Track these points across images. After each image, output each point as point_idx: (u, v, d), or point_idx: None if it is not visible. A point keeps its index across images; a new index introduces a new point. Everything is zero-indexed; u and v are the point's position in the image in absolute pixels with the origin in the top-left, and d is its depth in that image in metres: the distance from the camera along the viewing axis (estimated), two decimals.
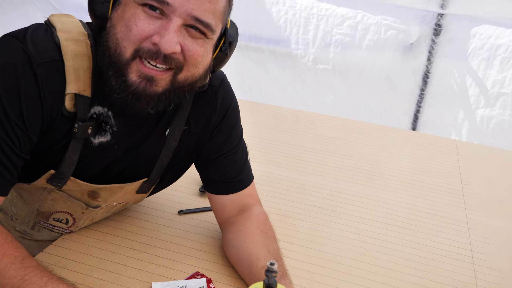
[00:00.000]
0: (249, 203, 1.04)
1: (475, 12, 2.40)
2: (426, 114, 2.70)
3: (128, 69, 0.75)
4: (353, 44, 2.66)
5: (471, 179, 1.53)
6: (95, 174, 0.92)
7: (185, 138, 0.96)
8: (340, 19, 2.63)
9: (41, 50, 0.76)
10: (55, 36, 0.78)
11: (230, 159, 1.00)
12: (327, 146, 1.65)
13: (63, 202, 0.95)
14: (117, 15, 0.76)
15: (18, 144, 0.78)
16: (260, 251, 0.92)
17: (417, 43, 2.55)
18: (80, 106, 0.80)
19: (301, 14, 2.70)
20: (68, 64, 0.78)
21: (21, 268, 0.76)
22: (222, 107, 0.97)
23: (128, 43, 0.74)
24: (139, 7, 0.74)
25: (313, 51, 2.75)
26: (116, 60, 0.76)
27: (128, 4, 0.75)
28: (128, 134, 0.90)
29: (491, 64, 2.47)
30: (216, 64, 0.88)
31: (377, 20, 2.56)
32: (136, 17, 0.74)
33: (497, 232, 1.26)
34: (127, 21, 0.74)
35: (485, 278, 1.07)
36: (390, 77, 2.68)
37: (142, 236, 1.07)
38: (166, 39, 0.73)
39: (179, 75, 0.78)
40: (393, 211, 1.30)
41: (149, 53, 0.74)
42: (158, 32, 0.74)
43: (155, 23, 0.74)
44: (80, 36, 0.80)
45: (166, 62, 0.75)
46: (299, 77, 2.87)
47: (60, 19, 0.82)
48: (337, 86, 2.81)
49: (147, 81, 0.76)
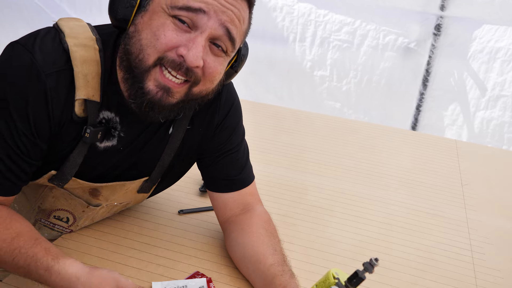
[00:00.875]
0: (251, 202, 1.04)
1: (475, 14, 2.40)
2: (426, 117, 2.70)
3: (147, 76, 0.76)
4: (351, 50, 2.66)
5: (471, 179, 1.53)
6: (97, 175, 0.92)
7: (188, 137, 0.96)
8: (338, 25, 2.63)
9: (49, 60, 0.77)
10: (63, 42, 0.79)
11: (232, 157, 1.01)
12: (327, 146, 1.65)
13: (64, 199, 0.96)
14: (143, 22, 0.77)
15: (26, 151, 0.79)
16: (267, 250, 0.92)
17: (417, 46, 2.55)
18: (90, 111, 0.81)
19: (299, 21, 2.70)
20: (77, 70, 0.78)
21: (8, 253, 0.77)
22: (225, 105, 0.98)
23: (153, 50, 0.75)
24: (169, 18, 0.75)
25: (310, 57, 2.75)
26: (137, 66, 0.76)
27: (158, 13, 0.75)
28: (134, 138, 0.90)
29: (491, 67, 2.47)
30: (224, 79, 0.90)
31: (376, 26, 2.56)
32: (166, 27, 0.74)
33: (497, 232, 1.26)
34: (155, 29, 0.75)
35: (485, 278, 1.07)
36: (390, 81, 2.67)
37: (142, 235, 1.07)
38: (193, 52, 0.74)
39: (194, 88, 0.79)
40: (393, 211, 1.30)
41: (173, 64, 0.75)
42: (185, 44, 0.75)
43: (182, 36, 0.75)
44: (89, 41, 0.81)
45: (187, 74, 0.76)
46: (296, 84, 2.86)
47: (68, 24, 0.82)
48: (335, 93, 2.80)
49: (164, 92, 0.77)
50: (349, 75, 2.72)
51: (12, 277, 0.91)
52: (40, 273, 0.76)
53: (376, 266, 0.65)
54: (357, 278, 0.66)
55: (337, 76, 2.75)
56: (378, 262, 0.65)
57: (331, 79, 2.77)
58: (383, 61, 2.63)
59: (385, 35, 2.57)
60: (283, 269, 0.87)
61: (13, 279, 0.91)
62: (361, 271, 0.66)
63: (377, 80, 2.68)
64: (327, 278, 0.71)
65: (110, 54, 0.82)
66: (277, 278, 0.85)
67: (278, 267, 0.88)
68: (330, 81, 2.77)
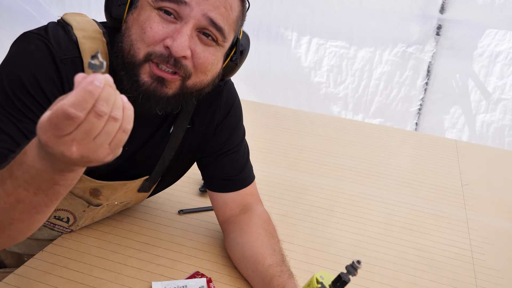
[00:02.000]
0: (251, 202, 1.04)
1: (475, 17, 2.40)
2: (426, 120, 2.70)
3: (141, 69, 0.77)
4: (348, 56, 2.65)
5: (471, 179, 1.53)
6: (101, 175, 0.92)
7: (188, 136, 0.96)
8: (335, 32, 2.63)
9: (63, 46, 0.78)
10: (72, 35, 0.79)
11: (232, 157, 1.01)
12: (327, 146, 1.66)
13: (65, 200, 0.96)
14: (133, 18, 0.78)
15: None
16: (266, 250, 0.92)
17: (416, 49, 2.55)
18: None
19: (294, 27, 2.69)
20: (87, 62, 0.79)
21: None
22: (225, 105, 0.98)
23: (142, 44, 0.76)
24: (154, 11, 0.75)
25: (307, 64, 2.75)
26: (129, 61, 0.77)
27: (144, 7, 0.77)
28: (137, 136, 0.90)
29: (491, 70, 2.48)
30: (226, 73, 0.90)
31: (374, 30, 2.56)
32: (151, 20, 0.75)
33: (497, 232, 1.26)
34: (142, 23, 0.76)
35: (485, 278, 1.07)
36: (390, 85, 2.67)
37: (142, 235, 1.07)
38: (178, 42, 0.74)
39: (187, 81, 0.79)
40: (393, 211, 1.30)
41: (161, 57, 0.75)
42: (170, 35, 0.75)
43: (169, 27, 0.75)
44: (96, 34, 0.82)
45: (176, 66, 0.76)
46: (291, 91, 2.85)
47: (75, 18, 0.83)
48: (332, 99, 2.80)
49: (158, 82, 0.77)
50: (346, 81, 2.72)
51: (12, 277, 0.91)
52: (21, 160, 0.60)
53: (359, 268, 0.65)
54: (341, 282, 0.66)
55: (334, 83, 2.75)
56: (361, 264, 0.65)
57: (328, 85, 2.76)
58: (382, 65, 2.63)
59: (385, 38, 2.57)
60: (281, 269, 0.87)
61: (13, 279, 0.91)
62: (345, 274, 0.66)
63: (376, 84, 2.68)
64: (310, 282, 0.71)
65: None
66: (275, 279, 0.85)
67: (277, 267, 0.88)
68: (327, 87, 2.77)
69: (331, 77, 2.73)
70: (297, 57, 2.75)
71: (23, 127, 0.74)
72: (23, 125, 0.74)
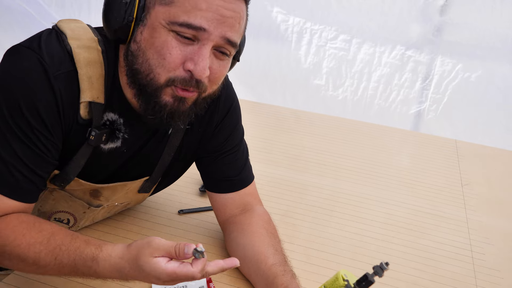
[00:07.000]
0: (250, 202, 1.04)
1: (475, 19, 2.40)
2: (426, 122, 2.70)
3: (162, 92, 0.76)
4: (347, 58, 2.65)
5: (471, 179, 1.53)
6: (101, 178, 0.92)
7: (187, 137, 0.96)
8: (334, 33, 2.63)
9: (57, 61, 0.76)
10: (66, 44, 0.78)
11: (231, 157, 1.01)
12: (327, 146, 1.66)
13: (65, 201, 0.95)
14: (145, 40, 0.75)
15: (47, 151, 0.79)
16: (267, 250, 0.92)
17: (416, 51, 2.55)
18: (94, 113, 0.81)
19: (294, 29, 2.69)
20: (82, 73, 0.78)
21: (49, 253, 0.75)
22: (224, 105, 0.98)
23: (162, 70, 0.75)
24: (170, 34, 0.73)
25: (306, 66, 2.74)
26: (148, 84, 0.76)
27: (157, 29, 0.74)
28: (137, 139, 0.90)
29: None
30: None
31: (373, 32, 2.55)
32: (169, 45, 0.73)
33: (497, 232, 1.26)
34: (160, 48, 0.74)
35: (485, 278, 1.07)
36: (389, 87, 2.67)
37: (142, 235, 1.07)
38: (200, 66, 0.74)
39: (203, 94, 0.80)
40: (393, 211, 1.30)
41: (184, 81, 0.75)
42: (190, 58, 0.74)
43: (186, 49, 0.74)
44: (91, 42, 0.80)
45: (198, 87, 0.77)
46: (290, 93, 2.85)
47: (69, 25, 0.81)
48: (331, 102, 2.80)
49: (180, 101, 0.77)
50: (345, 84, 2.72)
51: (12, 277, 0.91)
52: (88, 264, 0.74)
53: (386, 270, 0.65)
54: (366, 281, 0.66)
55: (333, 86, 2.75)
56: (389, 266, 0.65)
57: (327, 88, 2.76)
58: (381, 67, 2.63)
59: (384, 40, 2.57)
60: (284, 269, 0.87)
61: (13, 279, 0.91)
62: (371, 274, 0.66)
63: (375, 86, 2.68)
64: (336, 279, 0.70)
65: (113, 56, 0.82)
66: (278, 278, 0.85)
67: (280, 267, 0.88)
68: (326, 90, 2.77)
69: (330, 80, 2.73)
70: (296, 58, 2.75)
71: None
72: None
